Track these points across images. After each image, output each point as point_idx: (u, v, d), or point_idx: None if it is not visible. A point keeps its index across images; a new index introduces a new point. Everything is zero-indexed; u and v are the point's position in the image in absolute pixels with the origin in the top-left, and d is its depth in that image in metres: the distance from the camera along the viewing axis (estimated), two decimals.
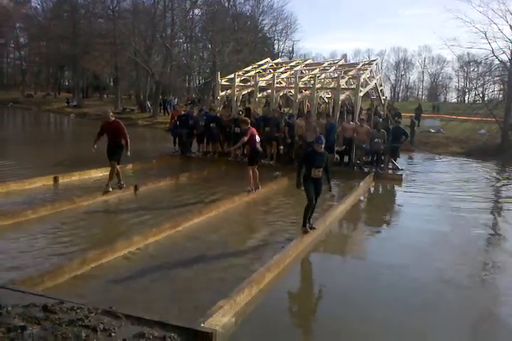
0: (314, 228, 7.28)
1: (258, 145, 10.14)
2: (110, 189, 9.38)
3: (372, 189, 12.56)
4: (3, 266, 5.45)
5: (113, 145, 9.39)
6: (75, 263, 5.41)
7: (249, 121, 10.57)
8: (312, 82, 15.37)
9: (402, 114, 23.02)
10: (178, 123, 15.43)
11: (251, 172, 10.04)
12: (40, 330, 3.40)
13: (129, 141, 9.44)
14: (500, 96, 28.37)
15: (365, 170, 13.68)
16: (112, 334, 3.45)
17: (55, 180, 10.51)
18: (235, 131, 14.27)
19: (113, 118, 9.49)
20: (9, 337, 3.25)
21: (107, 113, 9.67)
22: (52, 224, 7.34)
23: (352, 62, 26.95)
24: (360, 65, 17.87)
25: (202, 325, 3.85)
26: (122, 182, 9.70)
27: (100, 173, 11.55)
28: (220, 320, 4.26)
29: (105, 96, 52.77)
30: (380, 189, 12.88)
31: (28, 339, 3.24)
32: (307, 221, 7.15)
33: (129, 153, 9.51)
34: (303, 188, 7.06)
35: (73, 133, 27.64)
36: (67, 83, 64.80)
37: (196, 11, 43.11)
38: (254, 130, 10.13)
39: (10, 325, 3.42)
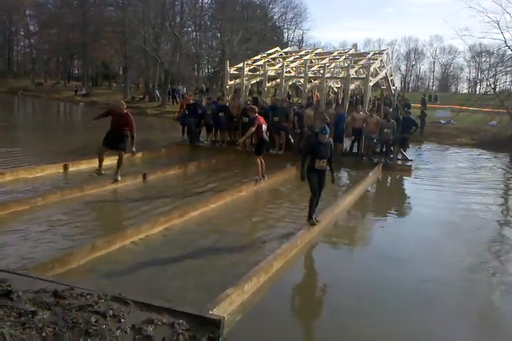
0: (317, 221, 7.10)
1: (265, 135, 10.07)
2: (119, 178, 9.34)
3: (381, 179, 12.52)
4: (14, 252, 5.51)
5: (118, 135, 9.20)
6: (85, 250, 5.47)
7: (257, 109, 10.42)
8: (321, 71, 15.25)
9: (412, 105, 22.90)
10: (186, 112, 15.42)
11: (259, 162, 10.02)
12: (50, 315, 3.45)
13: (135, 135, 9.28)
14: None
15: (374, 160, 13.63)
16: (121, 320, 3.49)
17: (65, 167, 10.57)
18: (243, 121, 14.24)
19: (125, 111, 9.31)
20: (20, 322, 3.30)
21: (119, 104, 9.53)
22: (62, 212, 7.40)
23: (362, 51, 26.65)
24: (371, 55, 17.69)
25: (210, 312, 3.88)
26: (119, 175, 9.47)
27: (109, 161, 11.58)
28: (228, 307, 4.30)
29: (114, 84, 52.77)
30: (389, 179, 12.83)
31: (38, 324, 3.29)
32: (313, 212, 7.03)
33: (134, 149, 9.45)
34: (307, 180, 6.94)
35: (82, 121, 27.70)
36: (76, 71, 64.86)
37: (206, 0, 42.93)
38: (261, 119, 10.02)
39: (21, 309, 3.47)
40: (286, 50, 21.21)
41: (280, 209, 8.37)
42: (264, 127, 10.02)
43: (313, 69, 16.41)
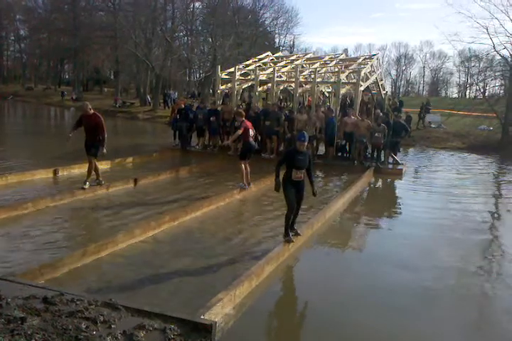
0: (299, 234, 6.61)
1: (251, 140, 9.76)
2: (86, 186, 8.87)
3: (372, 183, 12.56)
4: (3, 258, 5.45)
5: (92, 141, 8.91)
6: (76, 256, 5.42)
7: (244, 113, 10.21)
8: (312, 76, 15.32)
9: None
10: (178, 116, 15.41)
11: (243, 168, 9.72)
12: (40, 322, 3.40)
13: (106, 137, 8.91)
14: (501, 91, 28.32)
15: (366, 164, 13.68)
16: (112, 326, 3.45)
17: (55, 172, 10.51)
18: (235, 126, 14.22)
19: (92, 112, 8.92)
20: (9, 328, 3.25)
21: (84, 105, 9.10)
22: (52, 217, 7.34)
23: (353, 56, 26.83)
24: (361, 60, 17.82)
25: (202, 316, 3.86)
26: (101, 179, 9.28)
27: (100, 166, 11.48)
28: (220, 312, 4.28)
29: (105, 89, 52.61)
30: (380, 183, 12.88)
31: (28, 331, 3.24)
32: (289, 228, 6.45)
33: (104, 151, 9.01)
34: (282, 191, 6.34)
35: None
36: (67, 76, 64.61)
37: (197, 5, 43.05)
38: (248, 124, 9.72)
39: (10, 316, 3.42)
40: (277, 54, 21.30)
41: (271, 213, 8.34)
42: (252, 132, 9.74)
43: (304, 73, 16.48)
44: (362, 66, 16.13)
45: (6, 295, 3.75)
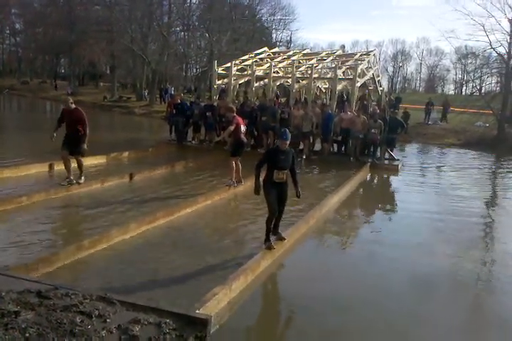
0: (283, 238, 6.21)
1: (243, 136, 9.46)
2: (82, 180, 8.78)
3: (368, 179, 12.58)
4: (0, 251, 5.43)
5: (73, 137, 8.56)
6: (70, 250, 5.40)
7: (234, 109, 9.87)
8: (309, 71, 15.28)
9: (400, 106, 23.09)
10: (174, 111, 15.36)
11: (233, 164, 9.43)
12: (34, 316, 3.39)
13: (87, 132, 8.55)
14: (497, 88, 28.39)
15: (362, 160, 13.68)
16: (107, 320, 3.44)
17: (51, 167, 10.45)
18: (226, 121, 14.17)
19: (73, 106, 8.64)
20: (3, 322, 3.24)
21: (65, 99, 8.85)
22: (46, 211, 7.31)
23: (350, 52, 26.77)
24: (358, 56, 17.78)
25: (197, 311, 3.85)
26: (72, 178, 8.72)
27: (95, 161, 11.51)
28: (215, 306, 4.27)
29: (101, 84, 52.35)
30: (376, 179, 12.89)
31: (22, 325, 3.23)
32: (272, 233, 6.10)
33: (85, 146, 8.62)
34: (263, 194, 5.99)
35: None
36: (63, 71, 64.20)
37: (194, 0, 42.75)
38: (240, 119, 9.44)
39: (4, 310, 3.40)
40: (274, 50, 21.23)
41: (264, 209, 8.31)
42: (243, 128, 9.46)
43: (301, 69, 16.45)
44: (359, 62, 16.09)
45: (0, 289, 3.73)
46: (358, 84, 14.81)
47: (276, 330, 4.54)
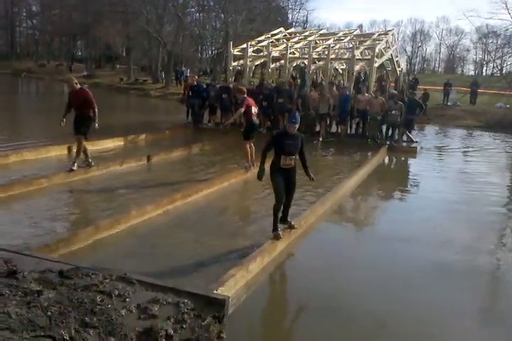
0: (294, 227, 5.95)
1: (255, 118, 9.19)
2: (75, 168, 8.32)
3: (386, 161, 12.47)
4: (21, 232, 5.53)
5: (80, 118, 8.34)
6: (90, 231, 5.48)
7: (245, 90, 9.56)
8: (326, 52, 15.08)
9: (419, 87, 22.70)
10: (190, 93, 15.33)
11: (248, 148, 9.24)
12: (56, 295, 3.46)
13: (97, 111, 8.30)
14: None
15: (380, 142, 13.55)
16: (127, 299, 3.50)
17: (69, 149, 10.54)
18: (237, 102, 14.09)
19: (78, 86, 8.36)
20: (25, 301, 3.31)
21: (70, 80, 8.48)
22: (66, 193, 7.43)
23: (367, 32, 26.32)
24: (376, 36, 17.47)
25: (215, 291, 3.90)
26: (90, 160, 8.71)
27: (112, 144, 11.59)
28: (233, 287, 4.32)
29: (118, 66, 52.35)
30: (394, 161, 12.78)
31: (44, 303, 3.30)
32: (281, 221, 5.84)
33: (96, 125, 8.39)
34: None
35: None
36: (80, 53, 64.28)
37: None
38: (250, 100, 9.16)
39: (26, 289, 3.48)
40: (290, 30, 20.96)
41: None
42: (254, 109, 9.16)
43: (317, 50, 16.23)
44: (377, 42, 15.82)
45: (23, 268, 3.81)
46: (376, 65, 14.57)
47: (291, 311, 4.57)
